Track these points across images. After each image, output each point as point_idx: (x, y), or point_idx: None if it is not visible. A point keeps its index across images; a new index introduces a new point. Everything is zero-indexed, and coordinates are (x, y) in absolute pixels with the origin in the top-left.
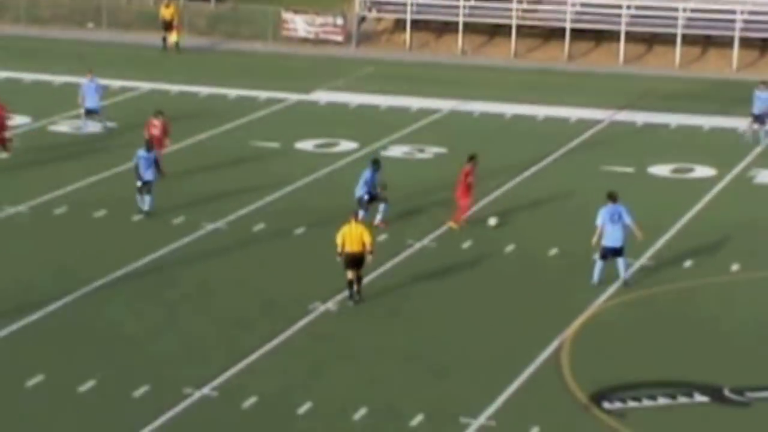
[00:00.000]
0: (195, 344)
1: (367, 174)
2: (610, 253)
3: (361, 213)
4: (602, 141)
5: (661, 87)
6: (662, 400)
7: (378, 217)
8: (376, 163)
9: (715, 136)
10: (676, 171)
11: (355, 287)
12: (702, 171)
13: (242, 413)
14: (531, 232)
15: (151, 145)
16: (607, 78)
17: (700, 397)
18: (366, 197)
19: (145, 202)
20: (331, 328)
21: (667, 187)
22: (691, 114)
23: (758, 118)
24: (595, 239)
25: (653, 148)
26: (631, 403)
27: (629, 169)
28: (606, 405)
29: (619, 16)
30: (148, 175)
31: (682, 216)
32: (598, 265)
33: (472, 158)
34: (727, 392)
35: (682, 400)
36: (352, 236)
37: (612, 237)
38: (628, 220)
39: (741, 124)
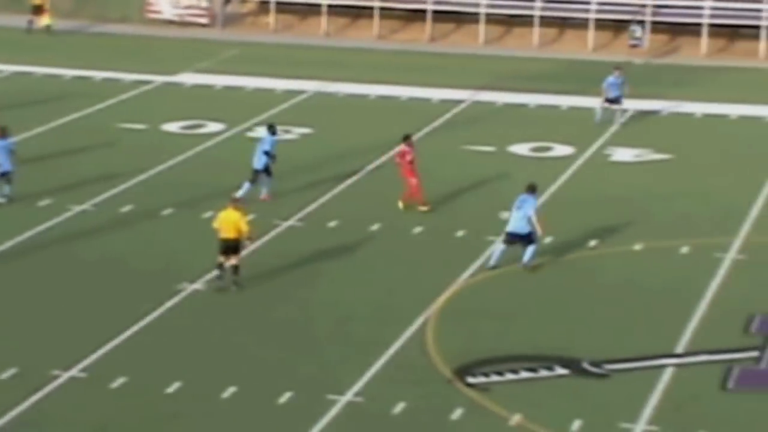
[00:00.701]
0: (63, 326)
1: (266, 142)
2: (515, 239)
3: (262, 191)
4: (464, 121)
5: (520, 67)
6: (524, 374)
7: (264, 191)
8: (272, 128)
9: (573, 115)
10: (535, 149)
11: (232, 275)
12: (560, 149)
13: (111, 393)
14: (396, 211)
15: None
16: (468, 59)
17: (560, 370)
18: (262, 168)
19: (5, 190)
20: (201, 308)
21: (526, 165)
22: (549, 94)
23: (613, 101)
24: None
25: (513, 127)
26: (495, 377)
27: (490, 148)
28: (470, 379)
29: None
30: (6, 165)
31: (542, 194)
32: (500, 248)
33: (405, 138)
34: (586, 365)
35: (544, 373)
36: (228, 222)
37: (514, 223)
38: (529, 211)
39: (597, 104)
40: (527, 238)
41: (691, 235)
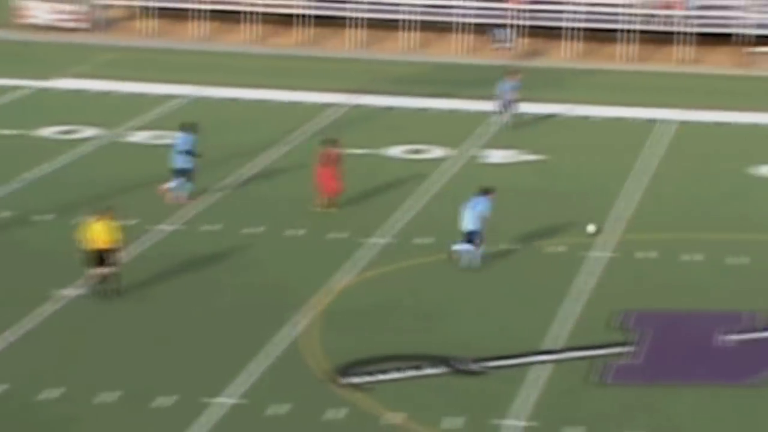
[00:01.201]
0: None
1: (183, 142)
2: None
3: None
4: (337, 124)
5: (392, 71)
6: (404, 373)
7: (179, 190)
8: (189, 127)
9: (445, 117)
10: (409, 152)
11: (109, 283)
12: (435, 152)
13: None
14: (276, 213)
15: None
16: (341, 63)
17: (438, 369)
18: (183, 168)
19: None
20: (78, 314)
21: (401, 168)
22: (421, 97)
23: (507, 106)
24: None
25: (387, 130)
26: (376, 377)
27: (365, 151)
28: (353, 379)
29: (352, 2)
30: None
31: (420, 195)
32: (464, 249)
33: (328, 142)
34: (463, 363)
35: (422, 371)
36: (99, 232)
37: (466, 222)
38: (486, 212)
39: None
40: (470, 236)
41: (565, 234)
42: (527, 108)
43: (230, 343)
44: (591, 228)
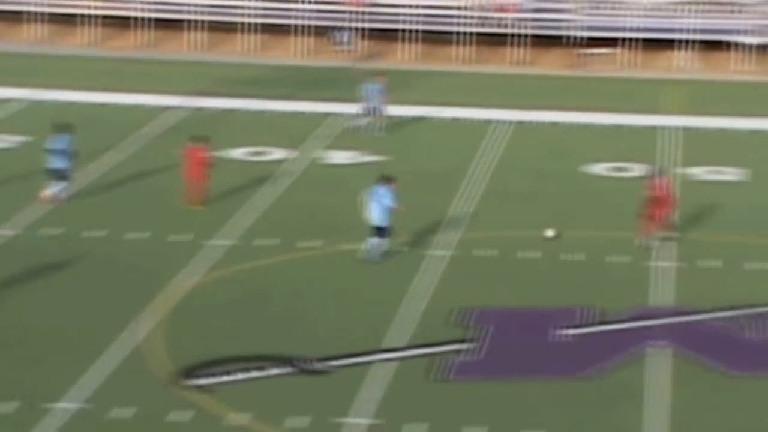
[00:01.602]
0: None
1: (59, 141)
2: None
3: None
4: (179, 127)
5: (231, 74)
6: (249, 374)
7: (55, 191)
8: (63, 128)
9: (286, 120)
10: (250, 154)
11: None
12: (276, 153)
13: None
14: (121, 217)
15: None
16: (182, 65)
17: (283, 369)
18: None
19: None
20: None
21: (244, 170)
22: (263, 99)
23: (372, 110)
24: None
25: (227, 132)
26: (222, 378)
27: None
28: (197, 381)
29: (191, 5)
30: None
31: (262, 197)
32: (372, 242)
33: (198, 139)
34: (307, 362)
35: (267, 372)
36: None
37: (373, 215)
38: (389, 203)
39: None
40: (380, 231)
41: (404, 234)
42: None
43: (72, 347)
44: (549, 233)
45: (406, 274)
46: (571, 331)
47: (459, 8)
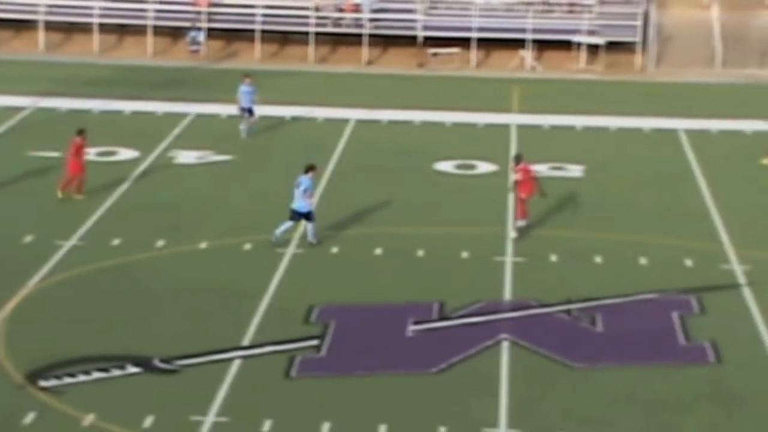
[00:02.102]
0: None
1: None
2: (297, 216)
3: None
4: (27, 127)
5: (81, 74)
6: (97, 374)
7: None
8: None
9: (136, 120)
10: (102, 155)
11: None
12: (124, 153)
13: None
14: None
15: None
16: (29, 65)
17: (132, 368)
18: None
19: None
20: None
21: (94, 170)
22: (112, 99)
23: (248, 111)
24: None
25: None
26: (68, 380)
27: (55, 154)
28: (42, 383)
29: (40, 5)
30: None
31: (112, 198)
32: (285, 225)
33: (80, 132)
34: (156, 362)
35: (116, 372)
36: None
37: (295, 202)
38: (307, 189)
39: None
40: (307, 216)
41: (253, 233)
42: (219, 109)
43: None
44: (513, 234)
45: (255, 272)
46: (419, 327)
47: (309, 9)
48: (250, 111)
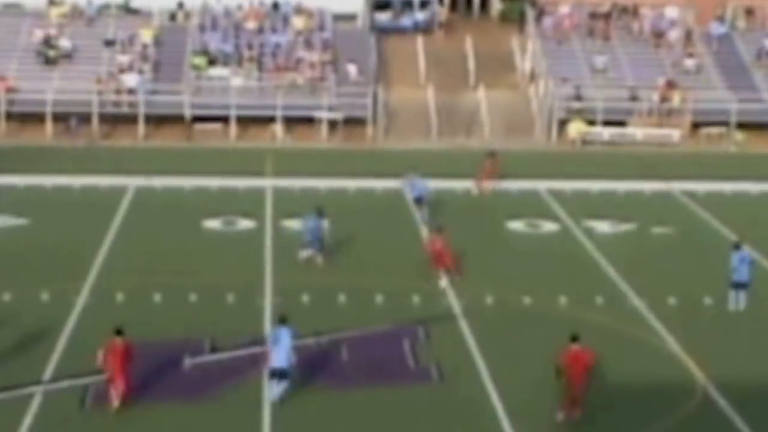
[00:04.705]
0: None
1: None
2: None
3: None
4: None
5: None
6: None
7: None
8: None
9: None
10: None
11: None
12: None
13: None
14: None
15: None
16: None
17: None
18: None
19: None
20: None
21: None
22: None
23: None
24: None
25: None
26: None
27: None
28: None
29: None
30: None
31: None
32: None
33: None
34: None
35: None
36: None
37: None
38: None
39: None
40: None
41: (51, 283)
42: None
43: None
44: (443, 283)
45: (55, 315)
46: (197, 360)
47: (92, 92)
48: None
